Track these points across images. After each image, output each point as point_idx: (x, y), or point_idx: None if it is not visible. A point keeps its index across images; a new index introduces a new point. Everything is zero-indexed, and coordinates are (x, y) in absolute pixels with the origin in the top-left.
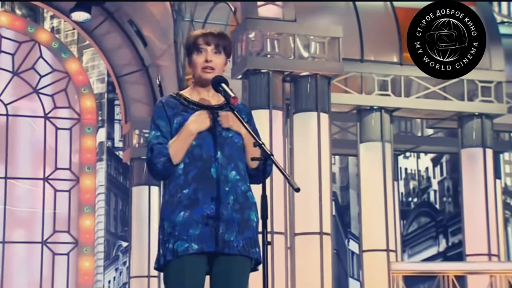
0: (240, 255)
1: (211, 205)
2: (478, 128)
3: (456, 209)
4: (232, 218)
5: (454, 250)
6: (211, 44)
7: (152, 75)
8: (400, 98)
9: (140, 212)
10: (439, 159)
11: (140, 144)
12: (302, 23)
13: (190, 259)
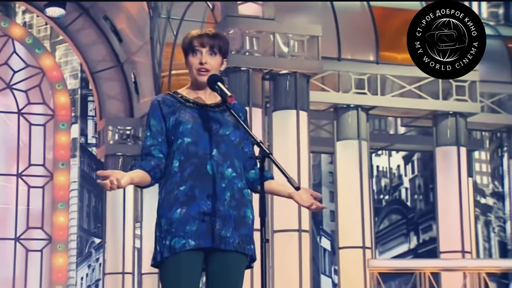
0: (236, 252)
1: (207, 201)
2: (452, 127)
3: (427, 207)
4: (228, 215)
5: (425, 247)
6: (206, 46)
7: (127, 72)
8: (377, 97)
9: (115, 208)
10: (410, 157)
11: (114, 140)
12: (282, 22)
13: (187, 255)
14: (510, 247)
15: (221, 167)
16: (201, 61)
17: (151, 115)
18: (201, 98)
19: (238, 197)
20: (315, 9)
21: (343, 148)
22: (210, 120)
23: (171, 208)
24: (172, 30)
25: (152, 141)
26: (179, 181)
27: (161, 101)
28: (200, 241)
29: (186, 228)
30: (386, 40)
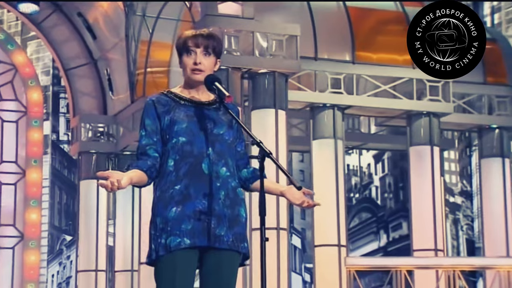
0: (230, 250)
1: (203, 200)
2: (426, 127)
3: (397, 205)
4: (223, 214)
5: (395, 245)
6: (200, 46)
7: (101, 69)
8: (352, 96)
9: (88, 206)
10: (381, 156)
11: (88, 138)
12: (261, 21)
13: (182, 254)
14: (477, 245)
15: (216, 166)
16: (195, 61)
17: (146, 114)
18: (195, 96)
19: (232, 196)
20: (293, 9)
21: (319, 147)
22: (204, 119)
23: (167, 207)
24: (147, 28)
25: (147, 141)
26: (174, 180)
27: (155, 100)
28: (195, 240)
29: (182, 227)
30: (362, 40)
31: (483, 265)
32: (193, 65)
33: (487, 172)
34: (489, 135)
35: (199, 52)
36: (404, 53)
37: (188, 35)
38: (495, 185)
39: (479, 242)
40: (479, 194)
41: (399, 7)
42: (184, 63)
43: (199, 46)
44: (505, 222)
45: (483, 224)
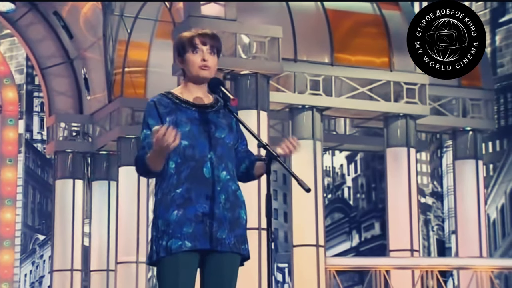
0: (231, 252)
1: (204, 204)
2: (402, 128)
3: (369, 206)
4: (223, 217)
5: (367, 245)
6: (207, 44)
7: (77, 68)
8: (331, 98)
9: (64, 205)
10: (353, 156)
11: (64, 137)
12: (243, 23)
13: (183, 256)
14: (447, 246)
15: (217, 170)
16: (203, 57)
17: (149, 115)
18: (197, 97)
19: (232, 199)
20: (273, 11)
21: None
22: (206, 122)
23: (168, 209)
24: (125, 28)
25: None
26: (176, 183)
27: (156, 101)
28: (196, 243)
29: (183, 230)
30: (340, 42)
31: (461, 265)
32: (201, 61)
33: (460, 174)
34: (463, 137)
35: (206, 50)
36: (382, 56)
37: (193, 34)
38: (469, 186)
39: (449, 243)
40: (453, 195)
41: (376, 10)
42: (189, 61)
43: (206, 44)
44: (478, 223)
45: (456, 225)
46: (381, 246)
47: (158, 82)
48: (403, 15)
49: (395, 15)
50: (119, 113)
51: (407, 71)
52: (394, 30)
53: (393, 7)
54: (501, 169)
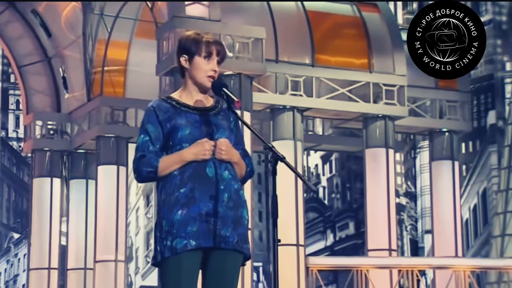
0: (234, 250)
1: (207, 203)
2: (381, 129)
3: (344, 205)
4: (227, 215)
5: (341, 245)
6: (219, 55)
7: (55, 66)
8: (311, 99)
9: (41, 204)
10: (328, 156)
11: (42, 135)
12: (227, 23)
13: (187, 256)
14: (421, 245)
15: (219, 169)
16: (214, 68)
17: (148, 121)
18: (198, 100)
19: (235, 198)
20: (255, 12)
21: (278, 148)
22: (206, 125)
23: (172, 209)
24: (105, 27)
25: (153, 147)
26: (179, 184)
27: (156, 107)
28: (200, 241)
29: (187, 229)
30: (321, 43)
31: (441, 265)
32: (211, 71)
33: (437, 175)
34: (439, 138)
35: (216, 59)
36: (361, 57)
37: (210, 40)
38: (445, 187)
39: (422, 242)
40: (427, 195)
41: (356, 12)
42: (199, 65)
43: (218, 54)
44: (454, 223)
45: (433, 225)
46: (356, 246)
47: (137, 81)
48: (382, 17)
49: (374, 17)
50: (98, 112)
51: (386, 73)
52: (373, 32)
53: (372, 9)
54: (474, 170)
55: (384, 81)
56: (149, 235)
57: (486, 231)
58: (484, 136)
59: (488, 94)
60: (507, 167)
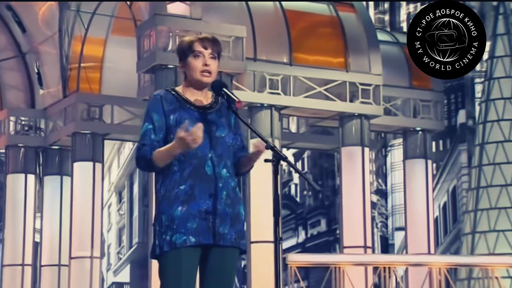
0: (232, 247)
1: (207, 201)
2: (357, 128)
3: (316, 203)
4: (225, 213)
5: (313, 242)
6: (208, 49)
7: (29, 62)
8: (289, 97)
9: (15, 200)
10: (301, 154)
11: (16, 131)
12: (209, 22)
13: (186, 251)
14: (391, 242)
15: (217, 167)
16: (205, 63)
17: (153, 109)
18: (198, 99)
19: (232, 195)
20: (234, 11)
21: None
22: (207, 122)
23: (172, 205)
24: (82, 24)
25: (155, 136)
26: (179, 180)
27: (163, 96)
28: (200, 238)
29: (187, 225)
30: (298, 42)
31: (418, 262)
32: (203, 66)
33: (410, 173)
34: (413, 137)
35: (207, 54)
36: (338, 56)
37: (194, 39)
38: (418, 185)
39: (393, 239)
40: (397, 193)
41: (333, 12)
42: (191, 66)
43: (207, 49)
44: (426, 221)
45: (406, 222)
46: (327, 243)
47: (113, 78)
48: (358, 17)
49: (351, 16)
50: (74, 108)
51: (362, 72)
52: (349, 31)
53: (349, 9)
54: (444, 168)
55: (360, 80)
56: (121, 232)
57: (455, 228)
58: (454, 135)
59: (458, 93)
60: (478, 166)
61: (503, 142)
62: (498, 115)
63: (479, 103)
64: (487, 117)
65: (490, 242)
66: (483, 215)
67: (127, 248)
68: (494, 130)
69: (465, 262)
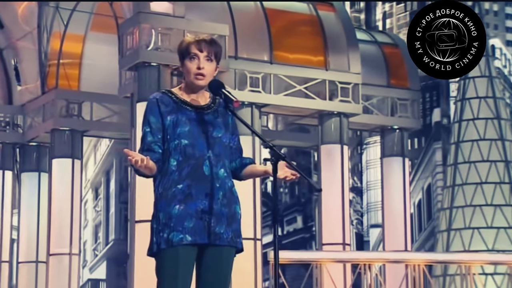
0: (229, 246)
1: (203, 200)
2: (336, 126)
3: (292, 200)
4: (221, 212)
5: (289, 238)
6: (203, 51)
7: (6, 58)
8: (270, 95)
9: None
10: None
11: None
12: (191, 20)
13: (184, 249)
14: (366, 239)
15: (215, 168)
16: (199, 66)
17: (150, 112)
18: (195, 99)
19: (228, 195)
20: (216, 9)
21: None
22: (204, 123)
23: (170, 204)
24: (61, 20)
25: (152, 138)
26: (177, 180)
27: (159, 99)
28: (196, 237)
29: (184, 224)
30: (279, 40)
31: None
32: (196, 69)
33: (388, 171)
34: (390, 135)
35: (202, 57)
36: (318, 55)
37: (191, 41)
38: (395, 183)
39: (368, 236)
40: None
41: (312, 11)
42: (187, 68)
43: (202, 51)
44: (403, 218)
45: (383, 219)
46: (303, 239)
47: (91, 75)
48: (337, 16)
49: (330, 16)
50: (53, 105)
51: (342, 71)
52: (329, 31)
53: (328, 8)
54: (419, 166)
55: (339, 79)
56: (97, 228)
57: (430, 225)
58: (429, 133)
59: (433, 92)
60: (453, 164)
61: (478, 140)
62: (474, 114)
63: (455, 102)
64: (463, 116)
65: (465, 239)
66: (458, 212)
67: (103, 245)
68: (469, 128)
69: (445, 259)
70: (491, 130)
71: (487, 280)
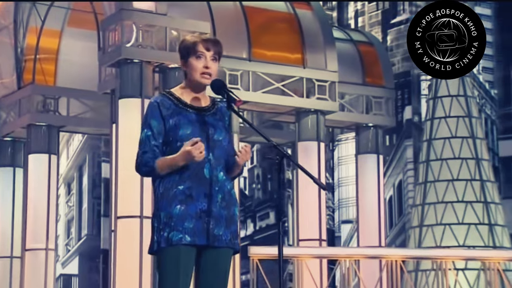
0: (227, 247)
1: (203, 202)
2: (313, 123)
3: (265, 196)
4: (220, 215)
5: (261, 234)
6: (210, 50)
7: None
8: (248, 92)
9: None
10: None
11: None
12: (174, 17)
13: (184, 249)
14: (337, 235)
15: (215, 170)
16: (206, 65)
17: (151, 115)
18: (196, 100)
19: (227, 198)
20: (195, 6)
21: None
22: (205, 125)
23: (171, 204)
24: (38, 15)
25: (155, 141)
26: (178, 181)
27: (159, 102)
28: (195, 238)
29: (185, 224)
30: (257, 38)
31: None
32: (204, 68)
33: (363, 167)
34: (365, 132)
35: (209, 56)
36: (295, 52)
37: (198, 39)
38: (370, 179)
39: (339, 232)
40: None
41: (290, 9)
42: (192, 66)
43: (209, 50)
44: (378, 215)
45: (358, 216)
46: (276, 235)
47: (68, 70)
48: (314, 15)
49: (307, 14)
50: (29, 100)
51: (319, 69)
52: (306, 29)
53: (305, 7)
54: (390, 163)
55: (316, 77)
56: (70, 224)
57: (401, 222)
58: (400, 130)
59: (405, 90)
60: (426, 161)
61: (450, 138)
62: (445, 112)
63: (427, 100)
64: (435, 113)
65: (437, 235)
66: (430, 209)
67: (76, 240)
68: (441, 126)
69: (423, 255)
70: (463, 128)
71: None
